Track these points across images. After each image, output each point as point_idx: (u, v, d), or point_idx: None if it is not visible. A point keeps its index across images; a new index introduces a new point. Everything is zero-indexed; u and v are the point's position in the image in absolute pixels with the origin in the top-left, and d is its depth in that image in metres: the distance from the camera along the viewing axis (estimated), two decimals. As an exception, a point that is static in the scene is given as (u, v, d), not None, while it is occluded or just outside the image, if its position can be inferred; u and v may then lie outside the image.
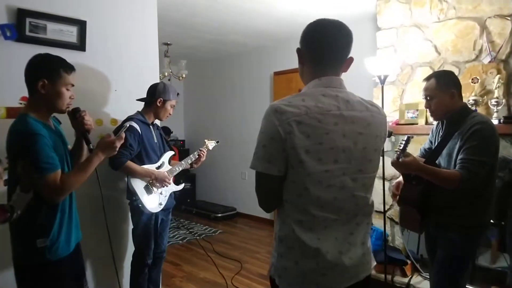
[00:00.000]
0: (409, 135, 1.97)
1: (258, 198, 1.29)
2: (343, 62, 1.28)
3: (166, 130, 5.85)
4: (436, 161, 2.08)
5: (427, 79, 2.12)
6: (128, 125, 2.26)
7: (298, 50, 1.31)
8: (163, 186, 2.61)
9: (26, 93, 2.19)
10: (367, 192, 1.29)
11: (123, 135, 1.90)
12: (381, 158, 3.04)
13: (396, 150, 1.99)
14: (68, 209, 1.78)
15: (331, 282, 1.23)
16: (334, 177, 1.19)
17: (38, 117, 1.67)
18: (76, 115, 1.83)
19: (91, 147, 1.85)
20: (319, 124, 1.16)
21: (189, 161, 2.81)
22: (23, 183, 1.60)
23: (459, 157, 1.92)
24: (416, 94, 3.33)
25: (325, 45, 1.25)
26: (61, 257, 1.71)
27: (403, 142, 1.93)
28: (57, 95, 1.69)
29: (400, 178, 2.27)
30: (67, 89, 1.72)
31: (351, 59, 1.30)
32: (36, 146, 1.56)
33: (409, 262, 3.23)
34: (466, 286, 2.21)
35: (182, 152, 6.03)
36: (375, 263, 1.16)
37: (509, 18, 2.89)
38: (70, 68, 1.73)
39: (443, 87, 2.04)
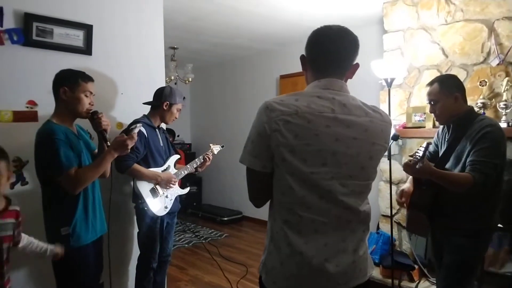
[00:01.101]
0: (428, 142, 1.95)
1: (248, 192, 1.32)
2: (347, 69, 1.27)
3: (171, 133, 5.86)
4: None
5: (430, 84, 2.11)
6: (139, 126, 2.24)
7: (302, 57, 1.31)
8: (170, 187, 2.61)
9: (32, 97, 2.26)
10: (359, 199, 1.24)
11: (135, 136, 2.05)
12: (387, 162, 3.05)
13: (411, 155, 1.96)
14: (92, 202, 2.00)
15: (315, 287, 1.21)
16: (320, 180, 1.17)
17: (60, 122, 1.92)
18: (94, 117, 2.02)
19: (109, 144, 2.01)
20: (308, 124, 1.15)
21: (195, 165, 2.81)
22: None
23: (469, 159, 1.89)
24: (423, 97, 3.27)
25: (328, 51, 1.24)
26: (83, 244, 1.92)
27: (422, 149, 1.90)
28: (77, 100, 1.94)
29: (404, 186, 2.25)
30: (86, 96, 1.96)
31: (357, 66, 1.28)
32: (54, 147, 1.80)
33: (416, 267, 3.20)
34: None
35: (188, 155, 6.04)
36: (372, 271, 1.13)
37: (517, 20, 2.86)
38: (87, 78, 1.99)
39: (446, 91, 2.03)
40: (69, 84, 1.91)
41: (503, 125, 2.76)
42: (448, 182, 1.91)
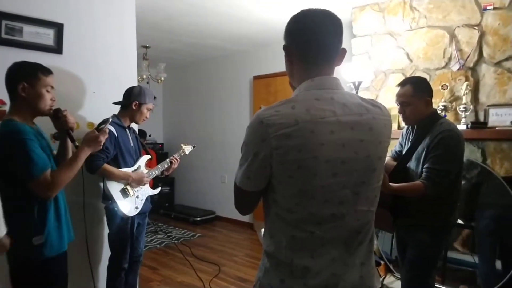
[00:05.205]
0: None
1: (235, 202, 1.21)
2: (336, 56, 1.14)
3: (142, 133, 5.80)
4: (407, 165, 2.16)
5: (402, 85, 2.14)
6: (110, 119, 2.25)
7: (285, 47, 1.15)
8: (142, 185, 2.61)
9: (1, 96, 2.21)
10: (371, 205, 1.13)
11: (107, 130, 1.98)
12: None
13: None
14: (63, 208, 1.88)
15: None
16: (331, 192, 1.04)
17: (22, 120, 1.74)
18: (58, 115, 1.90)
19: (77, 144, 1.92)
20: (312, 135, 1.00)
21: (166, 165, 2.82)
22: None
23: (425, 165, 2.01)
24: (389, 100, 3.43)
25: (315, 38, 1.10)
26: (57, 254, 1.80)
27: None
28: (38, 96, 1.77)
29: None
30: (47, 91, 1.80)
31: (344, 51, 1.16)
32: (26, 149, 1.65)
33: (382, 263, 3.32)
34: (437, 285, 2.30)
35: (160, 155, 6.00)
36: (379, 286, 1.12)
37: (476, 28, 3.03)
38: (47, 70, 1.82)
39: (419, 94, 2.08)
40: (28, 79, 1.73)
41: (462, 127, 2.92)
42: (403, 193, 2.03)
